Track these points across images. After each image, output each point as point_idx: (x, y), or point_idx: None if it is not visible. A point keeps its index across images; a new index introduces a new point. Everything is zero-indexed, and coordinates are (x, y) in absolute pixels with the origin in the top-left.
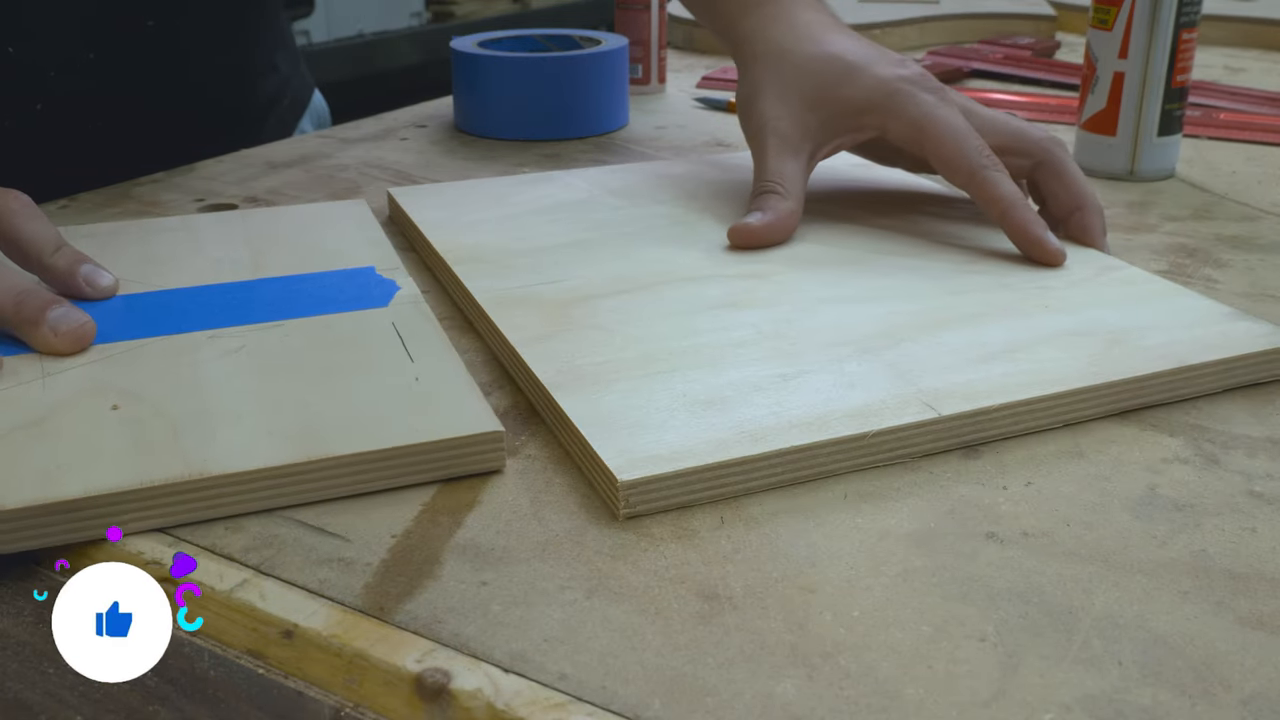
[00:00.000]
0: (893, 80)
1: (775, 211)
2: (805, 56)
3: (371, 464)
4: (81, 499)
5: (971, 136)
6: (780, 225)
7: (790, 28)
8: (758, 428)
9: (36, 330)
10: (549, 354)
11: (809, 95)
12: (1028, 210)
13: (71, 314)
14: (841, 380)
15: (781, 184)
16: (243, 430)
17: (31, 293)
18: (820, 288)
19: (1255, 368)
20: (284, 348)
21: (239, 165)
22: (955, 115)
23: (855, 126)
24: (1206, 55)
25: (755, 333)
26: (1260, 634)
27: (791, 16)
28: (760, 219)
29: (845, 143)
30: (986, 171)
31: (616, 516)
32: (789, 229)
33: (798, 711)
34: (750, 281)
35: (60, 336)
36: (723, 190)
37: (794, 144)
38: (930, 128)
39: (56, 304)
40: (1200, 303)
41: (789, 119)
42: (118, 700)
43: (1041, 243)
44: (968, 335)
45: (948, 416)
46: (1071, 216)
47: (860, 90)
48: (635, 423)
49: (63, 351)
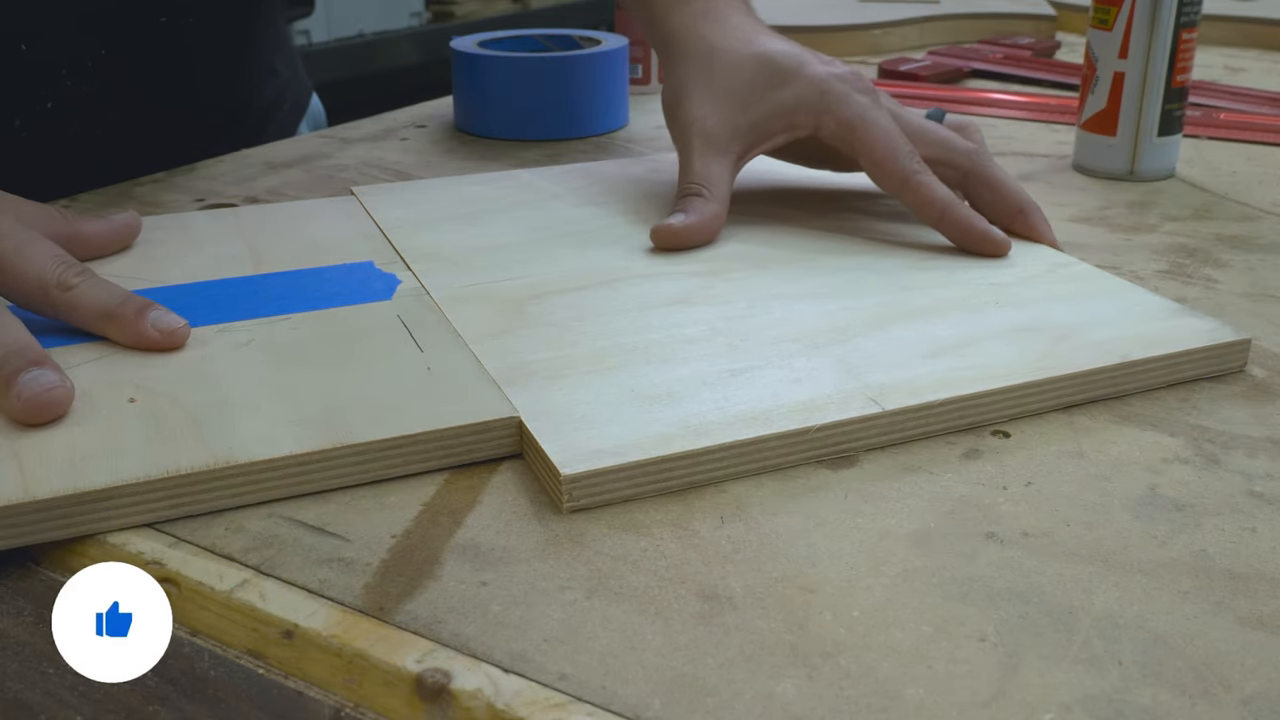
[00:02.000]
0: (826, 79)
1: (699, 214)
2: (736, 55)
3: (396, 450)
4: (110, 488)
5: (903, 141)
6: (702, 227)
7: (720, 25)
8: (702, 422)
9: (4, 397)
10: (501, 350)
11: (740, 95)
12: (965, 208)
13: (41, 377)
14: (789, 376)
15: (706, 186)
16: (264, 419)
17: (13, 354)
18: (774, 284)
19: (1201, 363)
20: (293, 340)
21: (239, 165)
22: (887, 119)
23: (787, 126)
24: (1206, 55)
25: (707, 329)
26: (1260, 634)
27: (721, 14)
28: (683, 220)
29: (777, 142)
30: (919, 176)
31: (560, 510)
32: (712, 231)
33: (798, 711)
34: (704, 279)
35: (23, 402)
36: None
37: (720, 144)
38: (863, 129)
39: (32, 366)
40: (1149, 299)
41: (716, 118)
42: (118, 700)
43: (988, 235)
44: (918, 331)
45: (891, 411)
46: (1015, 220)
47: (793, 90)
48: (582, 418)
49: (24, 422)
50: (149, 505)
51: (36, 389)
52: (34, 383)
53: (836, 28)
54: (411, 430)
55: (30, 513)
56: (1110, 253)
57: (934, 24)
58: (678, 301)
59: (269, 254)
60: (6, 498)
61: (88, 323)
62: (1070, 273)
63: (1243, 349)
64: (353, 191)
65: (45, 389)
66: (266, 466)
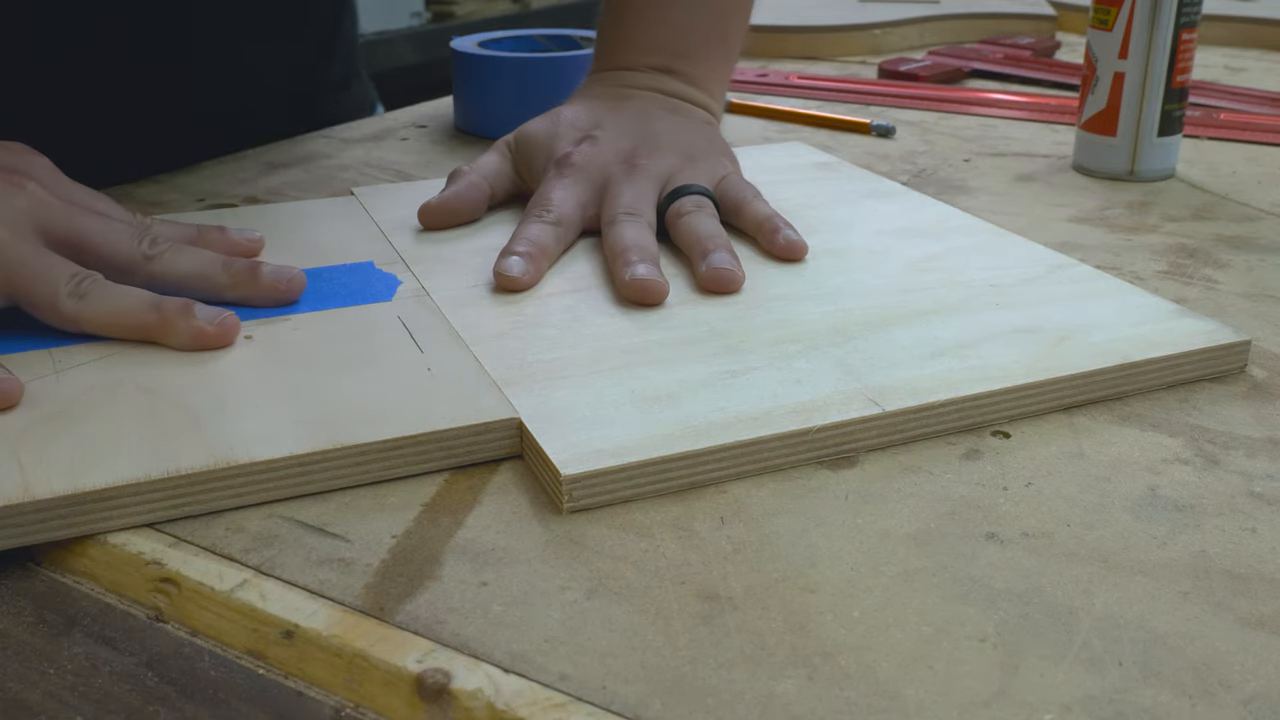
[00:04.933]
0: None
1: (454, 188)
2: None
3: (396, 451)
4: (110, 488)
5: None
6: (456, 198)
7: (612, 79)
8: (702, 423)
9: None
10: (501, 351)
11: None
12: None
13: (206, 309)
14: (789, 377)
15: (472, 167)
16: (265, 419)
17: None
18: (773, 285)
19: (1201, 364)
20: (294, 340)
21: (239, 165)
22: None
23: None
24: (1206, 55)
25: (707, 330)
26: (1260, 634)
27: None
28: (437, 197)
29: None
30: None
31: (560, 511)
32: (470, 200)
33: (798, 711)
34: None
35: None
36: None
37: (499, 144)
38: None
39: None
40: (1149, 300)
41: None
42: (118, 700)
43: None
44: (918, 332)
45: (891, 412)
46: (759, 234)
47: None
48: (582, 419)
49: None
50: (149, 505)
51: (214, 314)
52: (211, 313)
53: (836, 28)
54: (412, 431)
55: (30, 513)
56: (1110, 253)
57: (934, 24)
58: (677, 303)
59: (269, 254)
60: (6, 498)
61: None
62: (1070, 274)
63: (1243, 350)
64: (353, 192)
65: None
66: (267, 467)
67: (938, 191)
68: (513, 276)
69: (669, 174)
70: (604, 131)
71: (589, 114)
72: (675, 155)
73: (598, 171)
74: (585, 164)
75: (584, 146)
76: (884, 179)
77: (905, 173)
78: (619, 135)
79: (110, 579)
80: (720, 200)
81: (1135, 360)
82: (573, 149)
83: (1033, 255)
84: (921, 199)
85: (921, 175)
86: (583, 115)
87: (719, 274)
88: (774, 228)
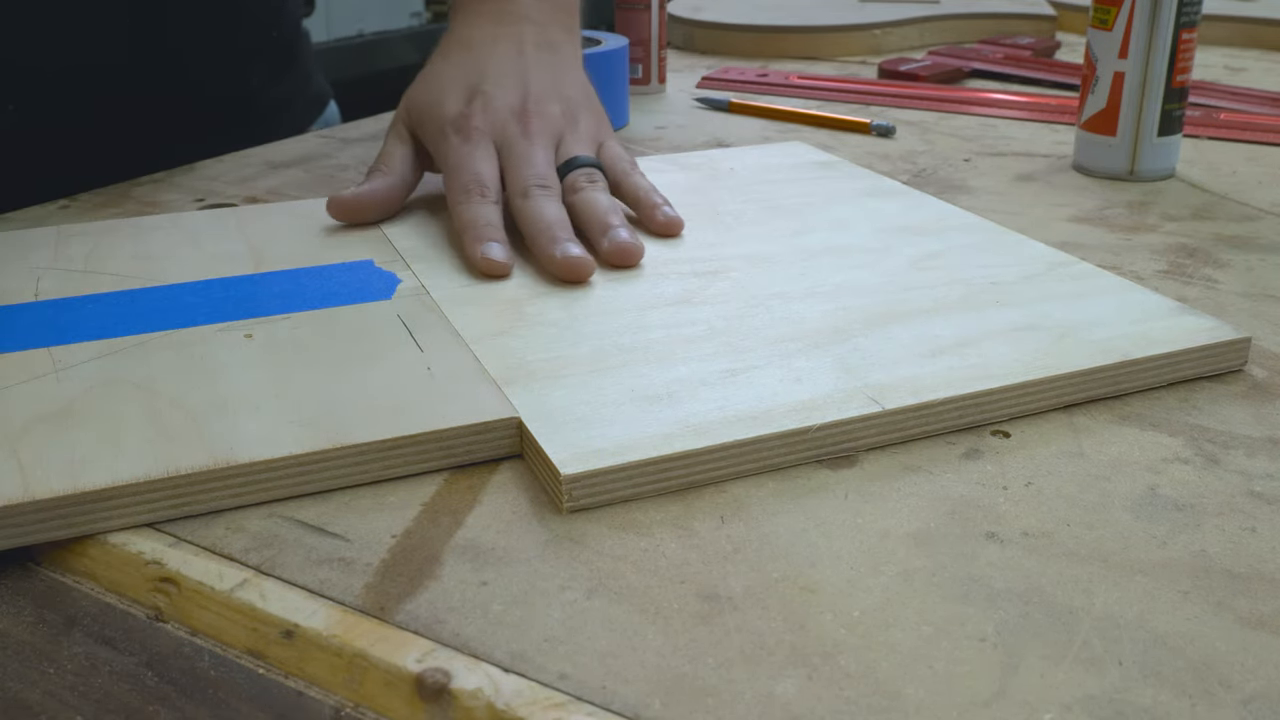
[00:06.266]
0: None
1: (370, 185)
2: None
3: (396, 450)
4: (110, 488)
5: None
6: (372, 196)
7: (479, 21)
8: (702, 422)
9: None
10: (500, 350)
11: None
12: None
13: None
14: (789, 375)
15: (385, 164)
16: (264, 419)
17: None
18: (774, 284)
19: (1201, 362)
20: (293, 339)
21: (239, 165)
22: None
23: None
24: (1206, 55)
25: (707, 329)
26: (1260, 634)
27: (495, 13)
28: (353, 190)
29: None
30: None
31: (560, 510)
32: (387, 200)
33: (798, 711)
34: (705, 279)
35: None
36: (689, 188)
37: (401, 129)
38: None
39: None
40: (1149, 298)
41: (409, 103)
42: (118, 700)
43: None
44: (918, 330)
45: (890, 410)
46: (638, 208)
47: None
48: (582, 418)
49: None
50: (149, 505)
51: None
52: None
53: (836, 28)
54: (411, 430)
55: (30, 513)
56: (1110, 253)
57: (934, 24)
58: (677, 301)
59: (269, 253)
60: (6, 498)
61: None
62: (1070, 271)
63: (1242, 348)
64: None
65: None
66: (266, 466)
67: (938, 191)
68: (501, 262)
69: (558, 133)
70: (489, 84)
71: (468, 63)
72: (558, 105)
73: (497, 132)
74: (486, 127)
75: (476, 105)
76: (884, 177)
77: (905, 172)
78: (505, 89)
79: (110, 579)
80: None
81: (1135, 358)
82: (466, 109)
83: (1033, 253)
84: (921, 197)
85: (921, 175)
86: (462, 66)
87: (623, 247)
88: (652, 203)
